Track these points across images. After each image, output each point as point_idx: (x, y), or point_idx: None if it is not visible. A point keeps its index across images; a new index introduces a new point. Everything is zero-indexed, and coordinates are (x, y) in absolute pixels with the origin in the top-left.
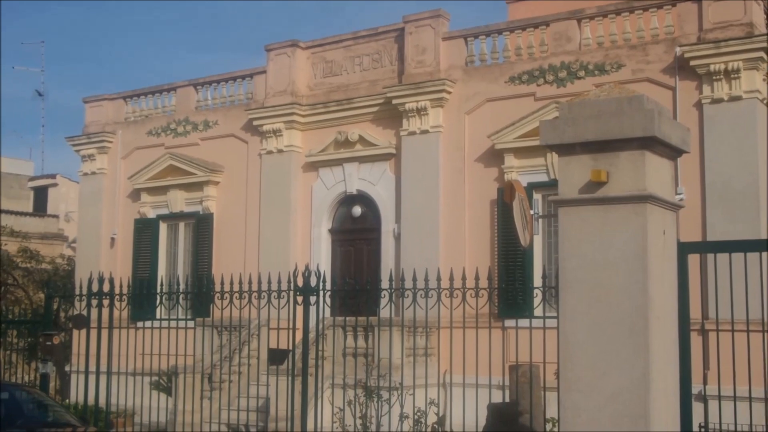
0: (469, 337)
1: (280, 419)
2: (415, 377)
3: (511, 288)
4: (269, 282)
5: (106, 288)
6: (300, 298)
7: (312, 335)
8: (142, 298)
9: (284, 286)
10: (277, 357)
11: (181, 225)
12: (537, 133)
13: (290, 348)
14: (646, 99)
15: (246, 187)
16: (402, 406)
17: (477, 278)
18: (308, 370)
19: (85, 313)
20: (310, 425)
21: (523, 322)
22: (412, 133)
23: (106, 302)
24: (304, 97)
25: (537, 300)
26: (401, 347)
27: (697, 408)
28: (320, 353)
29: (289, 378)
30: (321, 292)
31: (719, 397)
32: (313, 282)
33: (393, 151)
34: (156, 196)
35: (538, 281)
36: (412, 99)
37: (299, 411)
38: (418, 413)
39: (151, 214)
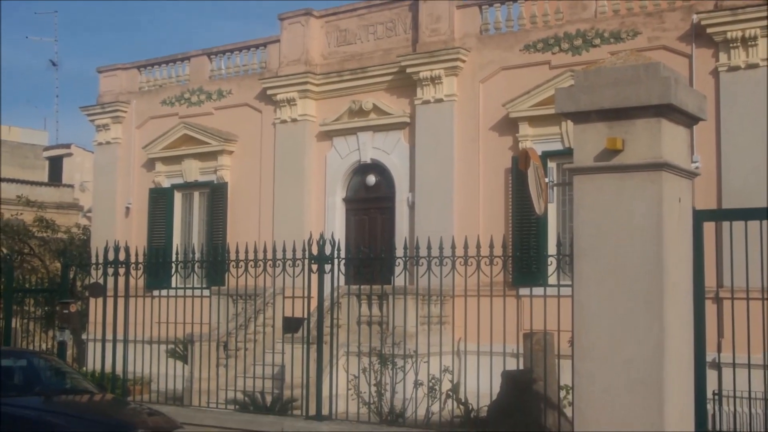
0: (484, 306)
1: (296, 387)
2: (430, 345)
3: (526, 256)
4: (284, 250)
5: (121, 257)
6: (315, 267)
7: (327, 303)
8: (158, 267)
9: (299, 255)
10: (292, 325)
11: (196, 194)
12: (552, 102)
13: (305, 316)
14: (663, 66)
15: (260, 156)
16: (416, 374)
17: (491, 246)
18: (323, 338)
19: (101, 281)
20: (324, 392)
21: (537, 291)
22: (427, 102)
23: (122, 271)
24: (318, 66)
25: (551, 268)
26: (415, 315)
27: (711, 375)
28: (335, 321)
29: (304, 346)
30: (336, 261)
31: (733, 365)
32: (327, 250)
33: (407, 120)
34: (170, 165)
35: (552, 249)
36: (427, 68)
37: (314, 378)
38: (433, 381)
39: (166, 183)
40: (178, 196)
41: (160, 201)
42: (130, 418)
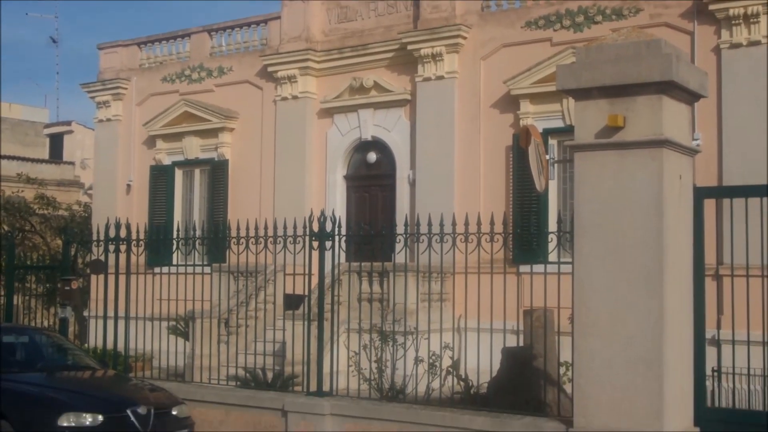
0: (484, 283)
1: (296, 363)
2: (430, 322)
3: (526, 233)
4: (285, 227)
5: (122, 234)
6: (315, 244)
7: (327, 280)
8: (159, 244)
9: (300, 232)
10: (292, 302)
11: (197, 171)
12: (553, 79)
13: (306, 293)
14: (665, 43)
15: (261, 133)
16: (417, 350)
17: (492, 223)
18: (324, 315)
19: (102, 258)
20: (325, 369)
21: (538, 268)
22: (428, 79)
23: (123, 248)
24: (319, 43)
25: (552, 245)
26: (416, 292)
27: (710, 352)
28: (335, 298)
29: (305, 323)
30: (336, 237)
31: (733, 342)
32: (328, 227)
33: (408, 97)
34: (171, 142)
35: (552, 227)
36: (428, 45)
37: (315, 355)
38: (433, 357)
39: (167, 160)
40: (178, 174)
41: (160, 178)
42: (131, 394)
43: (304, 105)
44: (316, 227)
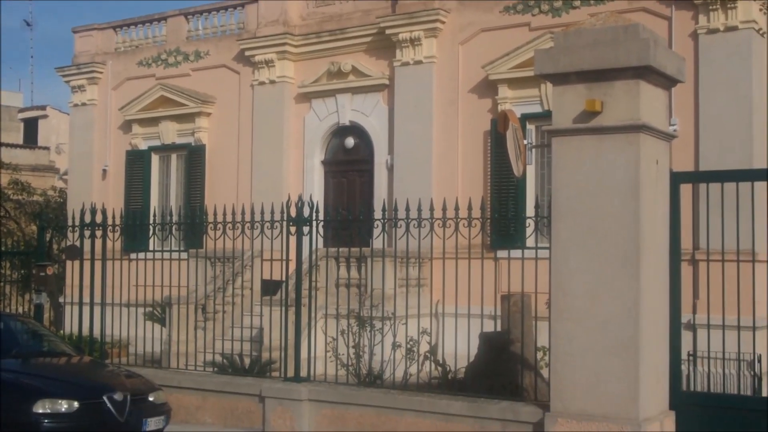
0: (462, 268)
1: (274, 349)
2: (408, 307)
3: (504, 218)
4: (262, 212)
5: (98, 219)
6: (293, 229)
7: (305, 266)
8: (135, 229)
9: (277, 217)
10: (270, 288)
11: (173, 156)
12: (531, 64)
13: (283, 279)
14: (642, 28)
15: (238, 118)
16: (394, 336)
17: (470, 208)
18: (301, 300)
19: (77, 244)
20: (303, 354)
21: (515, 253)
22: (406, 64)
23: (99, 233)
24: (297, 27)
25: (529, 230)
26: (394, 278)
27: (686, 336)
28: (313, 284)
29: (283, 308)
30: (314, 223)
31: (708, 326)
32: (306, 212)
33: (386, 81)
34: (147, 127)
35: (530, 211)
36: (406, 29)
37: (292, 340)
38: (411, 342)
39: (143, 145)
40: (155, 159)
41: (137, 163)
42: (108, 380)
43: (281, 89)
44: (293, 212)
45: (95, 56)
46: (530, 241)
